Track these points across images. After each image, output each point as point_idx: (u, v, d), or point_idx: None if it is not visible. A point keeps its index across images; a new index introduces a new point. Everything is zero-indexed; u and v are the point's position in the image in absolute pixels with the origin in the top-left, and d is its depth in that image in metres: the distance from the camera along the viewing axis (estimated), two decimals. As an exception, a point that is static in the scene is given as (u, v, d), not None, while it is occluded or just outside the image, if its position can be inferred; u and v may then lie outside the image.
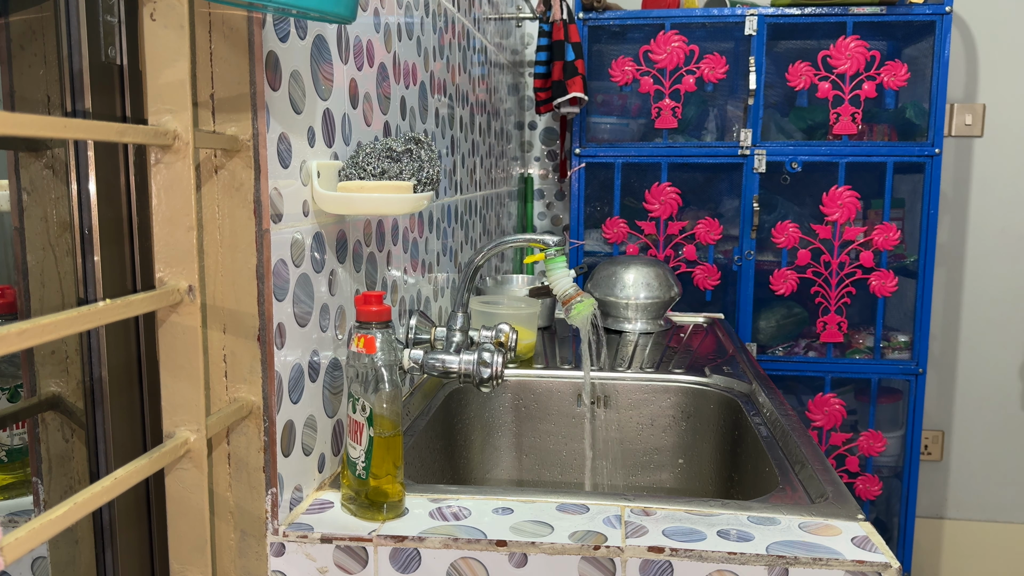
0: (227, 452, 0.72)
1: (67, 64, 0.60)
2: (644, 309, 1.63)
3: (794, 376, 2.35)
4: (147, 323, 0.67)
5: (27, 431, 0.64)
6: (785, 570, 0.69)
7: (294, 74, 0.74)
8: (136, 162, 0.66)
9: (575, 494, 0.83)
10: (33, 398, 0.64)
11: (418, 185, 0.85)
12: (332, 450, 0.88)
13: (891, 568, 0.68)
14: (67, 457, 0.65)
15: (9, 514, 0.66)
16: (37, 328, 0.44)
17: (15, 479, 0.66)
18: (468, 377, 1.00)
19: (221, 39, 0.66)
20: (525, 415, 1.32)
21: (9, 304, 0.62)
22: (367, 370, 0.77)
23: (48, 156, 0.61)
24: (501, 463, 1.33)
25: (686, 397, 1.28)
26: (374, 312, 0.77)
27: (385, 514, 0.77)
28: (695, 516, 0.78)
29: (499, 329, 1.10)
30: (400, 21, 1.09)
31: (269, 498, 0.72)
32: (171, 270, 0.57)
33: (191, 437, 0.59)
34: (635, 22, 2.26)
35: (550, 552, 0.72)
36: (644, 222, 2.30)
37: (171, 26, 0.55)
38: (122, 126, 0.54)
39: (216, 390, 0.71)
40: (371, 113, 0.97)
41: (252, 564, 0.73)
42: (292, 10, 0.61)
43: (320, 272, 0.82)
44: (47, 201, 0.62)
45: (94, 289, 0.63)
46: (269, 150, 0.70)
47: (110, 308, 0.51)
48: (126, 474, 0.52)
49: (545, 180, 2.66)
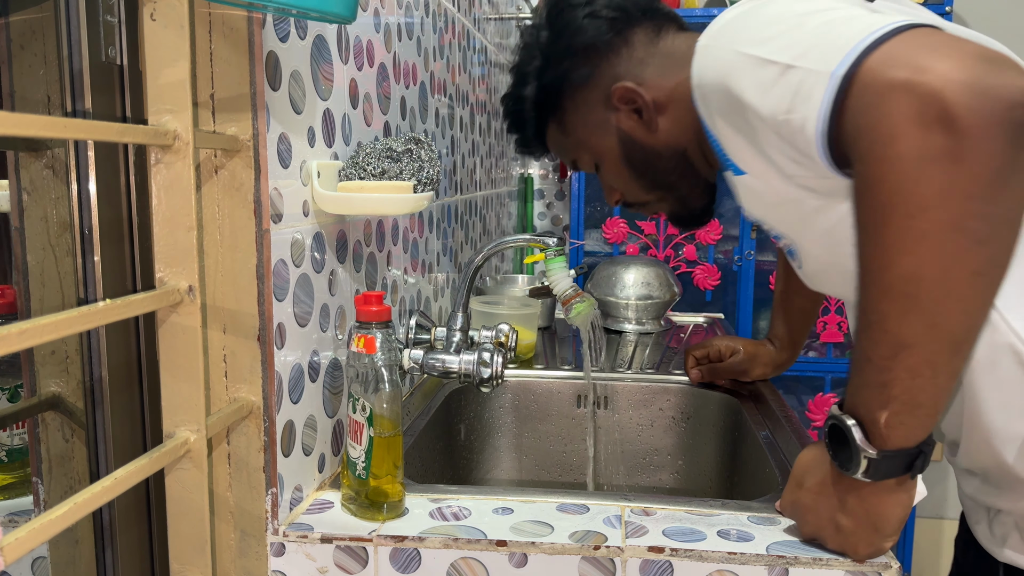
0: (227, 452, 0.72)
1: (67, 64, 0.60)
2: (644, 309, 1.63)
3: (794, 376, 2.35)
4: (147, 323, 0.67)
5: (27, 431, 0.64)
6: (785, 570, 0.69)
7: (294, 74, 0.74)
8: (136, 162, 0.65)
9: (575, 494, 0.83)
10: (33, 398, 0.64)
11: (418, 185, 0.85)
12: (332, 450, 0.88)
13: (891, 568, 0.68)
14: (67, 457, 0.65)
15: (9, 514, 0.66)
16: (37, 328, 0.44)
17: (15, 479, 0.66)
18: (468, 377, 1.00)
19: (221, 39, 0.66)
20: (525, 415, 1.32)
21: (9, 304, 0.62)
22: (367, 370, 0.77)
23: (48, 156, 0.61)
24: (501, 463, 1.33)
25: (686, 398, 1.28)
26: (374, 312, 0.77)
27: (385, 514, 0.77)
28: (695, 516, 0.78)
29: (499, 329, 1.10)
30: (400, 21, 1.09)
31: (269, 498, 0.72)
32: (171, 270, 0.57)
33: (191, 437, 0.59)
34: (635, 22, 2.25)
35: (550, 552, 0.72)
36: (644, 222, 2.30)
37: (171, 26, 0.55)
38: (122, 126, 0.54)
39: (216, 390, 0.71)
40: (371, 113, 0.97)
41: (252, 564, 0.73)
42: (292, 10, 0.61)
43: (320, 272, 0.82)
44: (47, 201, 0.62)
45: (94, 289, 0.63)
46: (269, 150, 0.70)
47: (110, 308, 0.51)
48: (126, 474, 0.52)
49: (545, 180, 2.66)
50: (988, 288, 0.59)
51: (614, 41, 0.90)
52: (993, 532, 0.81)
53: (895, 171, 0.57)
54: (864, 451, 0.63)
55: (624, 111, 0.90)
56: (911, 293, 0.58)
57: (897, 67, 0.57)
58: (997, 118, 0.54)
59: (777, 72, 0.65)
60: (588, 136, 0.95)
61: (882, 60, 0.59)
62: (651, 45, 0.90)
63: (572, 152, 0.99)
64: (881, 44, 0.59)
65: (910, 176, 0.56)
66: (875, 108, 0.58)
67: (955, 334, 0.59)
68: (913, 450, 0.63)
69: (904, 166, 0.56)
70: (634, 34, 0.91)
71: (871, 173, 0.59)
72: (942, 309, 0.58)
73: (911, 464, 0.64)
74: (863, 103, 0.59)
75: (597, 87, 0.91)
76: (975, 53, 0.56)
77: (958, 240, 0.56)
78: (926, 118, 0.55)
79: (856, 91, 0.60)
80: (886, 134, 0.57)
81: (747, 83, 0.68)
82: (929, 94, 0.55)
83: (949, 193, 0.55)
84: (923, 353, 0.59)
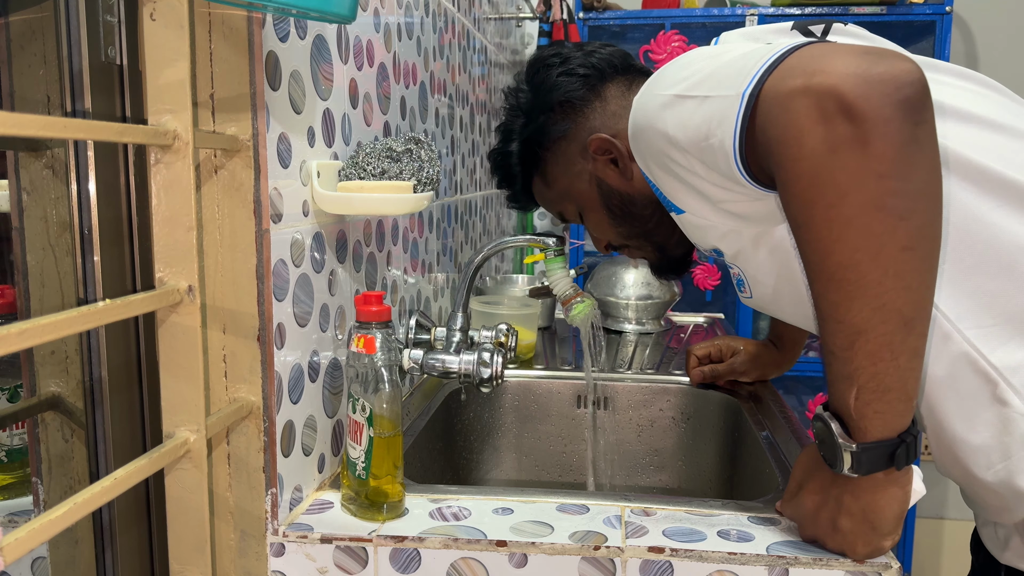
0: (227, 452, 0.72)
1: (67, 64, 0.60)
2: (644, 309, 1.63)
3: (794, 376, 2.35)
4: (147, 323, 0.67)
5: (27, 431, 0.64)
6: (785, 570, 0.69)
7: (294, 74, 0.74)
8: (136, 162, 0.66)
9: (575, 494, 0.83)
10: (33, 398, 0.64)
11: (418, 185, 0.85)
12: (332, 450, 0.88)
13: (891, 568, 0.68)
14: (67, 457, 0.65)
15: (9, 514, 0.66)
16: (37, 328, 0.44)
17: (15, 479, 0.66)
18: (468, 377, 1.00)
19: (221, 39, 0.66)
20: (525, 415, 1.32)
21: (9, 304, 0.62)
22: (367, 370, 0.77)
23: (48, 156, 0.61)
24: (501, 463, 1.33)
25: (686, 398, 1.28)
26: (374, 312, 0.77)
27: (385, 514, 0.77)
28: (695, 516, 0.78)
29: (499, 329, 1.10)
30: (400, 21, 1.09)
31: (269, 498, 0.72)
32: (171, 270, 0.57)
33: (191, 437, 0.59)
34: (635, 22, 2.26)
35: (550, 552, 0.72)
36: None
37: (171, 26, 0.55)
38: (122, 126, 0.54)
39: (216, 390, 0.71)
40: (371, 113, 0.97)
41: (252, 564, 0.73)
42: (292, 10, 0.61)
43: (320, 272, 0.82)
44: (47, 201, 0.62)
45: (94, 289, 0.63)
46: (269, 150, 0.70)
47: (110, 308, 0.51)
48: (126, 474, 0.52)
49: (545, 180, 2.66)
50: (923, 261, 0.61)
51: (588, 96, 0.97)
52: (997, 535, 0.82)
53: (809, 166, 0.61)
54: (845, 445, 0.64)
55: (601, 161, 0.95)
56: (851, 279, 0.61)
57: (793, 77, 0.63)
58: (890, 99, 0.58)
59: (695, 104, 0.71)
60: (569, 186, 1.01)
61: (780, 75, 0.64)
62: (623, 99, 0.96)
63: (557, 203, 1.05)
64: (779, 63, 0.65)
65: (824, 167, 0.60)
66: (780, 116, 0.63)
67: (903, 312, 0.61)
68: (894, 440, 0.64)
69: (816, 159, 0.60)
70: (607, 89, 0.97)
71: (789, 174, 0.63)
72: (883, 289, 0.60)
73: (893, 454, 0.64)
74: (769, 116, 0.64)
75: (575, 140, 0.97)
76: (858, 50, 0.62)
77: (881, 219, 0.59)
78: (827, 112, 0.60)
79: (762, 106, 0.65)
80: (794, 136, 0.61)
81: (669, 120, 0.74)
82: (825, 91, 0.60)
83: (862, 176, 0.59)
84: (877, 336, 0.61)
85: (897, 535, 0.68)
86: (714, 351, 1.26)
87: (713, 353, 1.26)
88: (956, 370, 0.72)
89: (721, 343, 1.27)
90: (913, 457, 0.65)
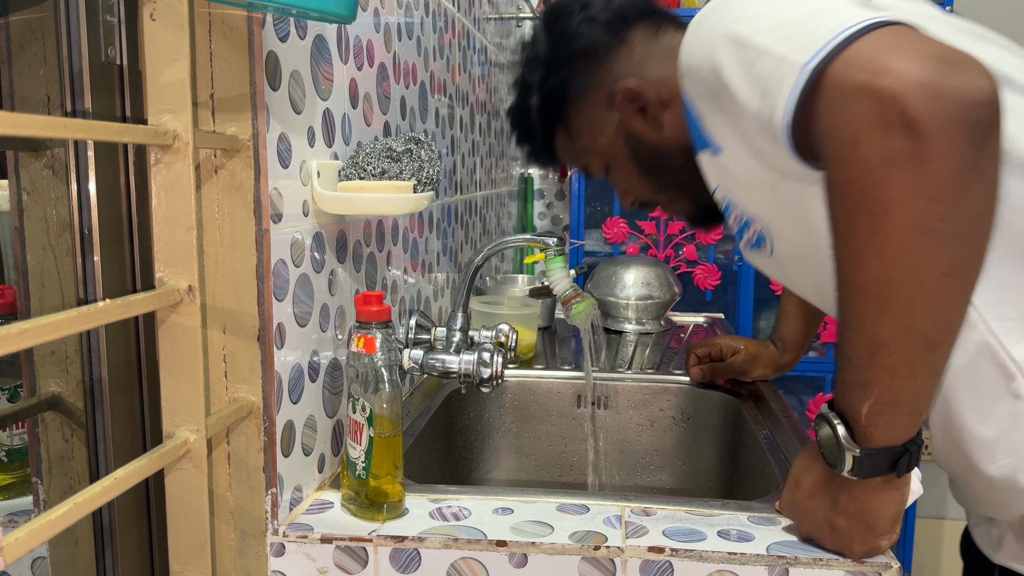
0: (227, 452, 0.72)
1: (67, 64, 0.60)
2: (644, 309, 1.63)
3: (794, 376, 2.34)
4: (147, 323, 0.67)
5: (27, 431, 0.64)
6: (785, 570, 0.69)
7: (294, 74, 0.74)
8: (136, 162, 0.65)
9: (575, 494, 0.83)
10: (33, 398, 0.64)
11: (418, 185, 0.85)
12: (332, 450, 0.88)
13: (891, 568, 0.68)
14: (67, 457, 0.65)
15: (9, 514, 0.66)
16: (37, 328, 0.44)
17: (15, 479, 0.66)
18: (468, 377, 1.00)
19: (221, 39, 0.66)
20: (525, 415, 1.32)
21: (9, 304, 0.62)
22: (367, 370, 0.77)
23: (48, 156, 0.61)
24: (501, 463, 1.33)
25: (686, 398, 1.28)
26: (374, 312, 0.77)
27: (385, 514, 0.77)
28: (695, 516, 0.78)
29: (499, 329, 1.10)
30: (400, 21, 1.09)
31: (269, 498, 0.72)
32: (171, 270, 0.57)
33: (191, 437, 0.59)
34: (635, 22, 2.25)
35: (550, 552, 0.72)
36: (644, 222, 2.30)
37: (171, 26, 0.55)
38: (122, 126, 0.54)
39: (216, 390, 0.71)
40: (371, 113, 0.97)
41: (252, 564, 0.73)
42: (292, 10, 0.61)
43: (320, 272, 0.82)
44: (47, 201, 0.62)
45: (94, 289, 0.63)
46: (269, 150, 0.70)
47: (110, 308, 0.51)
48: (126, 474, 0.52)
49: (545, 180, 2.66)
50: (959, 288, 0.59)
51: (612, 43, 0.91)
52: (991, 534, 0.81)
53: (860, 174, 0.58)
54: (849, 449, 0.64)
55: (628, 110, 0.90)
56: (883, 294, 0.59)
57: (860, 69, 0.58)
58: (956, 120, 0.55)
59: (754, 55, 0.66)
60: (595, 139, 0.95)
61: (847, 61, 0.60)
62: (650, 44, 0.90)
63: (582, 157, 0.99)
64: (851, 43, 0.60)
65: (874, 179, 0.57)
66: (839, 112, 0.59)
67: (930, 334, 0.60)
68: (899, 448, 0.64)
69: (868, 169, 0.58)
70: (632, 35, 0.91)
71: (838, 176, 0.60)
72: (914, 310, 0.59)
73: (896, 462, 0.64)
74: (828, 106, 0.60)
75: (600, 89, 0.91)
76: (935, 54, 0.57)
77: (924, 241, 0.57)
78: (888, 121, 0.56)
79: (822, 92, 0.61)
80: (850, 138, 0.58)
81: (728, 64, 0.69)
82: (889, 97, 0.56)
83: (912, 195, 0.56)
84: (899, 353, 0.60)
85: (895, 535, 0.68)
86: (714, 350, 1.26)
87: (713, 352, 1.26)
88: (975, 360, 0.70)
89: (721, 342, 1.26)
90: (914, 465, 0.65)
